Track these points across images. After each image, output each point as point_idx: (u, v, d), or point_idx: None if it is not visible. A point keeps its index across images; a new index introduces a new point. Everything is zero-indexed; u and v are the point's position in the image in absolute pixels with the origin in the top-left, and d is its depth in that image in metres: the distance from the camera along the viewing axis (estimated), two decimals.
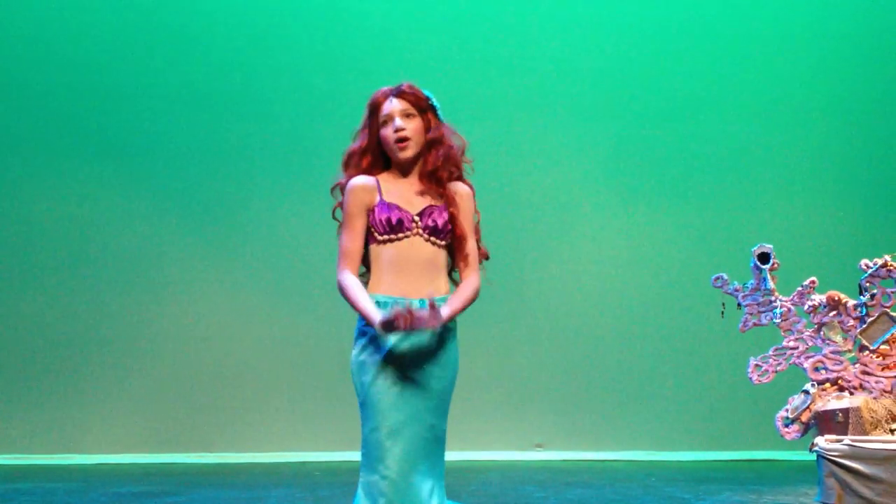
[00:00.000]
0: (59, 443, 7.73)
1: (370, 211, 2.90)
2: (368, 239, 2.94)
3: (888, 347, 5.08)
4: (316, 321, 7.98)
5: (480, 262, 3.01)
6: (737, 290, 5.26)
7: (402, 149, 2.92)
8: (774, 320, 5.22)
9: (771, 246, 5.21)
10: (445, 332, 2.90)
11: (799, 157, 8.25)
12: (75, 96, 8.03)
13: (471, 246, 2.97)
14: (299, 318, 7.99)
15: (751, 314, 5.25)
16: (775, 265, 5.19)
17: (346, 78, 8.07)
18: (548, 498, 5.69)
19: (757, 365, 5.25)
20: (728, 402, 7.80)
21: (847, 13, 8.36)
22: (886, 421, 4.93)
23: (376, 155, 2.97)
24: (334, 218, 3.00)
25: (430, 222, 2.90)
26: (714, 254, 7.70)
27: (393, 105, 2.94)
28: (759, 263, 5.20)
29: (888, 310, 5.07)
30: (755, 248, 5.22)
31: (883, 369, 5.07)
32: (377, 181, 2.93)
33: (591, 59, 8.23)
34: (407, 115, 2.93)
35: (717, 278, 5.30)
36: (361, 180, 2.93)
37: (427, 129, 2.94)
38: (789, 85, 8.28)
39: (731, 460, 7.69)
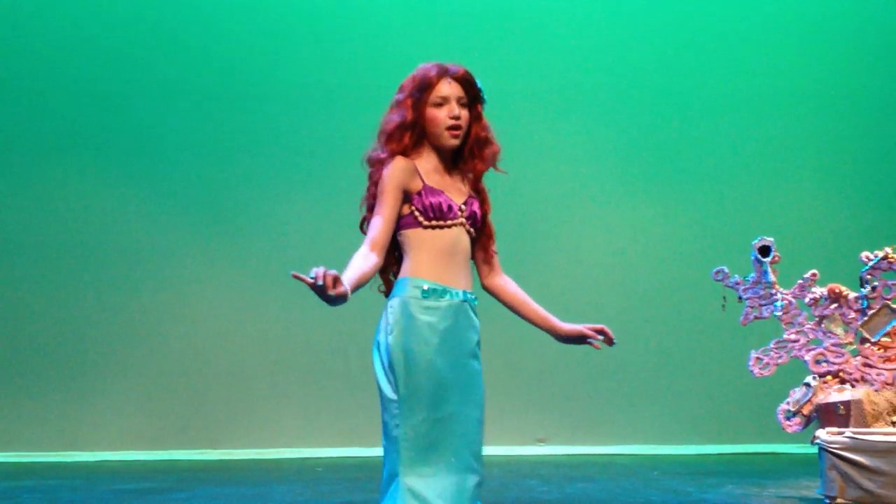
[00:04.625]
0: (63, 440, 7.73)
1: (413, 195, 2.78)
2: (407, 224, 2.80)
3: (889, 340, 5.08)
4: (318, 318, 7.97)
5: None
6: (738, 284, 5.26)
7: (455, 136, 2.82)
8: (775, 313, 5.22)
9: (772, 239, 5.21)
10: (476, 322, 2.84)
11: (800, 150, 8.25)
12: (79, 94, 8.02)
13: (495, 245, 2.98)
14: (302, 314, 7.99)
15: (752, 307, 5.25)
16: (776, 258, 5.19)
17: (350, 75, 8.07)
18: (550, 492, 5.70)
19: (758, 358, 5.25)
20: (730, 396, 7.80)
21: (850, 7, 8.35)
22: (888, 413, 4.94)
23: (417, 132, 2.82)
24: (367, 196, 2.85)
25: (471, 212, 2.84)
26: (715, 247, 7.69)
27: (452, 88, 2.84)
28: (759, 256, 5.20)
29: (889, 302, 5.08)
30: (756, 241, 5.22)
31: (884, 361, 5.08)
32: (415, 164, 2.82)
33: (596, 53, 8.21)
34: (462, 104, 2.84)
35: (718, 272, 5.30)
36: (404, 162, 2.79)
37: (477, 122, 2.86)
38: (792, 79, 8.27)
39: (734, 453, 7.69)
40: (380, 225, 2.77)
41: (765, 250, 5.19)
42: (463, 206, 2.83)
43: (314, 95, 8.13)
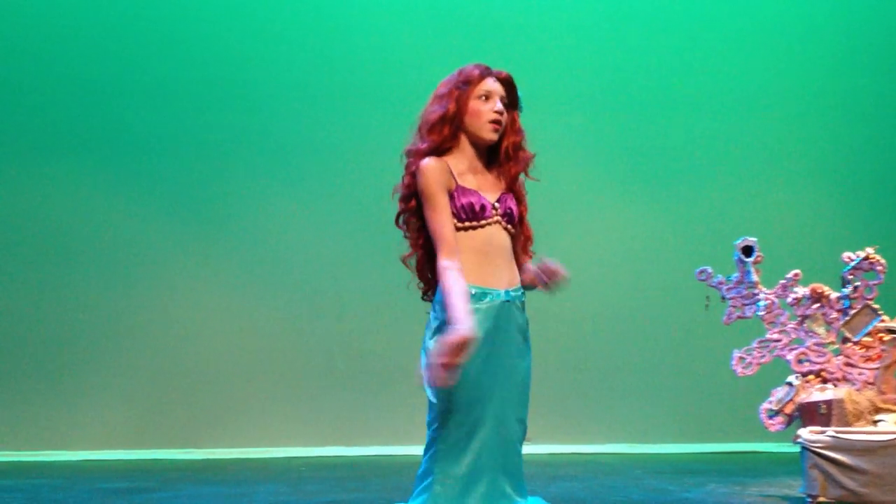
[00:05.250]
0: (45, 439, 7.69)
1: (448, 193, 2.79)
2: None
3: (871, 339, 5.12)
4: (302, 316, 7.97)
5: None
6: (721, 283, 5.29)
7: (494, 130, 2.86)
8: (758, 313, 5.25)
9: (755, 239, 5.24)
10: (523, 319, 2.86)
11: (783, 151, 8.30)
12: (57, 91, 7.99)
13: (529, 229, 3.01)
14: (285, 313, 7.99)
15: (735, 307, 5.28)
16: (759, 258, 5.22)
17: (334, 75, 8.07)
18: (534, 491, 5.69)
19: (741, 357, 5.28)
20: (713, 395, 7.84)
21: (829, 11, 8.40)
22: (869, 412, 4.98)
23: (455, 126, 2.85)
24: (402, 186, 2.83)
25: (505, 209, 2.86)
26: (699, 247, 7.73)
27: (496, 86, 2.90)
28: (742, 256, 5.22)
29: (870, 302, 5.12)
30: (739, 242, 5.25)
31: (866, 361, 5.12)
32: (448, 164, 2.82)
33: (579, 54, 8.23)
34: (503, 103, 2.90)
35: (702, 271, 5.32)
36: (438, 162, 2.79)
37: (513, 125, 2.92)
38: (774, 81, 8.32)
39: (716, 452, 7.73)
40: (447, 230, 2.76)
41: (748, 250, 5.22)
42: (496, 204, 2.85)
43: (303, 96, 8.11)
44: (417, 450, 8.64)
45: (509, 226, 2.87)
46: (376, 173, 8.03)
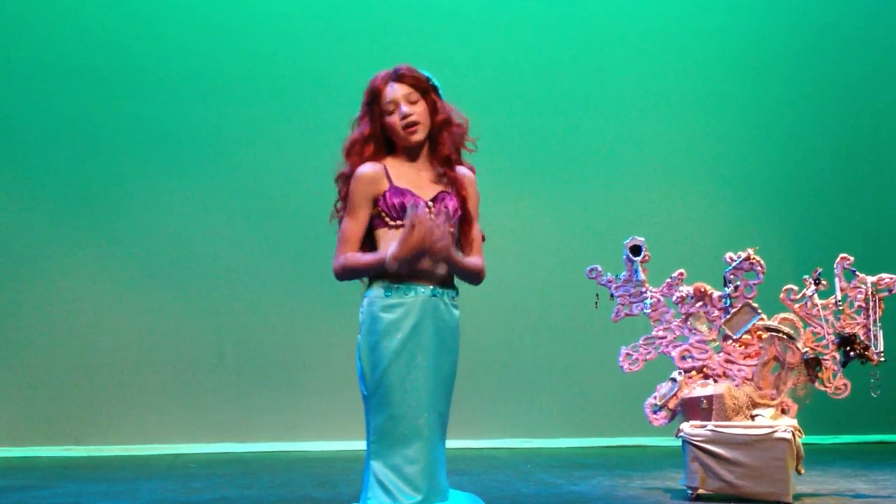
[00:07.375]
0: None
1: (379, 197, 2.87)
2: (376, 224, 2.89)
3: (750, 337, 5.31)
4: (190, 309, 7.80)
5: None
6: (610, 282, 5.40)
7: (412, 133, 2.89)
8: (645, 310, 5.38)
9: (643, 239, 5.37)
10: (451, 316, 2.95)
11: (670, 155, 8.51)
12: None
13: (476, 231, 3.02)
14: (172, 305, 7.80)
15: (622, 304, 5.40)
16: (646, 257, 5.35)
17: (226, 65, 7.93)
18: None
19: (627, 354, 5.41)
20: (600, 390, 8.00)
21: (718, 12, 8.66)
22: (747, 407, 5.15)
23: (379, 142, 2.93)
24: (336, 210, 2.97)
25: (442, 208, 2.88)
26: (588, 246, 7.88)
27: (395, 91, 2.91)
28: (630, 255, 5.35)
29: (750, 301, 5.30)
30: (627, 241, 5.37)
31: (745, 358, 5.30)
32: (385, 167, 2.89)
33: (478, 49, 8.28)
34: (411, 101, 2.90)
35: (592, 270, 5.43)
36: (369, 168, 2.87)
37: (434, 110, 2.93)
38: (662, 82, 8.52)
39: (603, 446, 7.90)
40: (351, 235, 2.87)
41: (636, 249, 5.34)
42: (430, 203, 2.89)
43: (197, 84, 7.93)
44: (308, 446, 8.63)
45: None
46: (269, 164, 7.96)
